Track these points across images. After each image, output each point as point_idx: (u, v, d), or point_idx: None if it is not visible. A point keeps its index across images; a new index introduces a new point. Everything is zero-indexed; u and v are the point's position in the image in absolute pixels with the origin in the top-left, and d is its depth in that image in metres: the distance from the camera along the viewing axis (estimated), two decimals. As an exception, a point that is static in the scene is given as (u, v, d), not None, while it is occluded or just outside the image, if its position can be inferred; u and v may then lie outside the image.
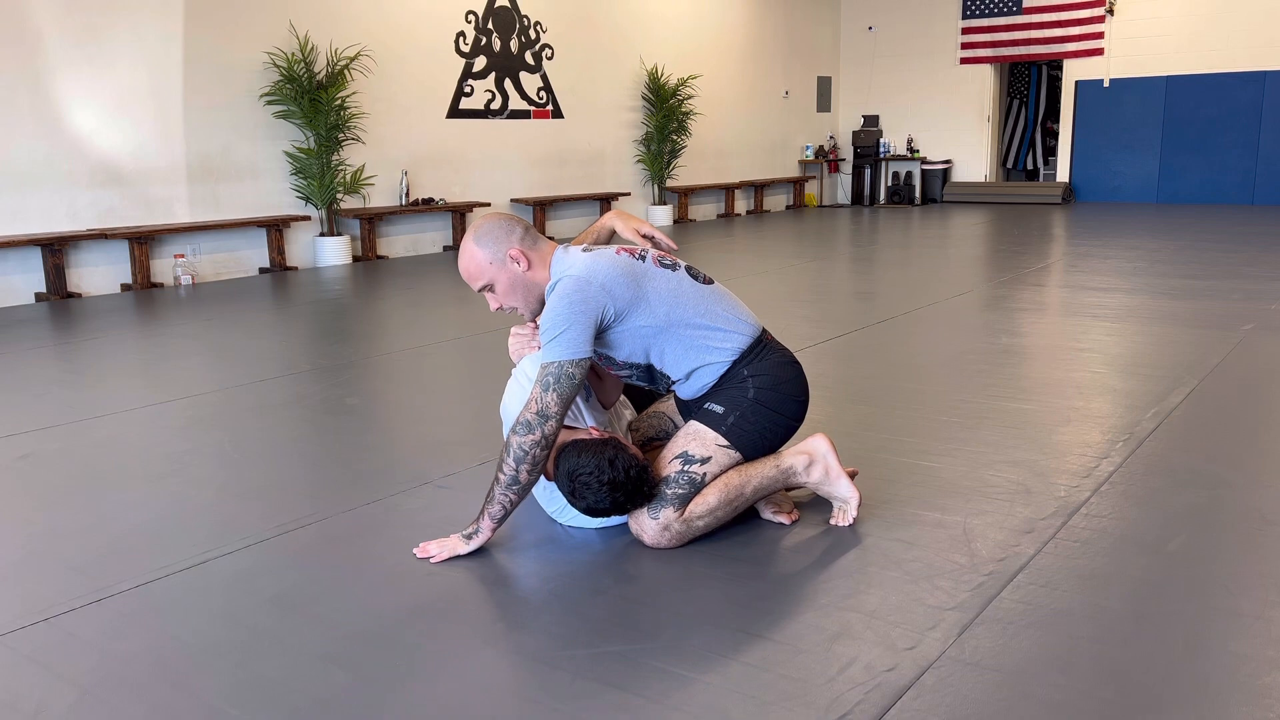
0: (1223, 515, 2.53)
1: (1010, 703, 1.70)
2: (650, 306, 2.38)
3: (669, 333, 2.40)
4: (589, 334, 2.29)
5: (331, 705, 1.73)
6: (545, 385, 2.26)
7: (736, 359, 2.44)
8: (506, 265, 2.39)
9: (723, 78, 12.85)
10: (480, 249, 2.40)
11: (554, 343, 2.27)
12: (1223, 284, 6.26)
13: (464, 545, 2.34)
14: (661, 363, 2.44)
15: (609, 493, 2.26)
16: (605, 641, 1.96)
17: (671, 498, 2.34)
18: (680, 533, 2.35)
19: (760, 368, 2.45)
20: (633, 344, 2.40)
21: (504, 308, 2.44)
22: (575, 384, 2.27)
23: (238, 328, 5.56)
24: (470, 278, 2.42)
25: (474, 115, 9.67)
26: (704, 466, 2.37)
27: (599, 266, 2.37)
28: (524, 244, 2.41)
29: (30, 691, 1.80)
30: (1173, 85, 12.92)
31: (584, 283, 2.32)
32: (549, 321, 2.29)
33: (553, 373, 2.26)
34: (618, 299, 2.34)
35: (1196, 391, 3.70)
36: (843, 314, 5.57)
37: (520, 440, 2.25)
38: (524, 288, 2.41)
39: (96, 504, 2.78)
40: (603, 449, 2.28)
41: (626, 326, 2.37)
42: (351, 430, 3.49)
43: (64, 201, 6.78)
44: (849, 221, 12.00)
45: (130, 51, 7.04)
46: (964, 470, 2.89)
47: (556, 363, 2.26)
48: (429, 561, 2.33)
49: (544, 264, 2.42)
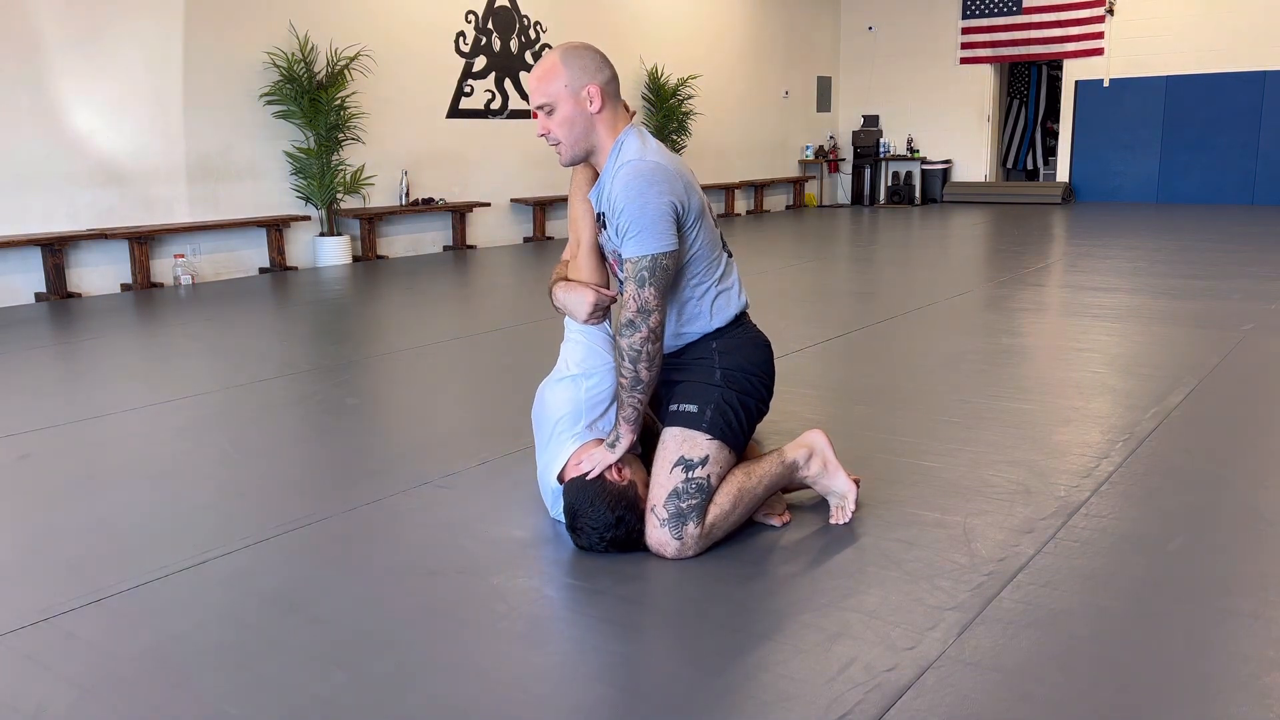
0: (1223, 515, 2.53)
1: (1010, 703, 1.70)
2: (696, 236, 2.34)
3: (686, 274, 2.36)
4: (674, 224, 2.24)
5: (331, 705, 1.73)
6: (640, 280, 2.22)
7: (713, 330, 2.43)
8: (579, 96, 2.28)
9: (723, 78, 12.85)
10: (565, 67, 2.28)
11: (641, 236, 2.21)
12: (1223, 284, 6.26)
13: (611, 454, 2.32)
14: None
15: (606, 546, 2.30)
16: (606, 642, 1.96)
17: (689, 510, 2.28)
18: (701, 543, 2.31)
19: (728, 344, 2.43)
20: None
21: (549, 135, 2.32)
22: (670, 274, 2.25)
23: (238, 328, 5.56)
24: (535, 91, 2.30)
25: (474, 115, 9.67)
26: (706, 469, 2.32)
27: (680, 164, 2.31)
28: (607, 89, 2.31)
29: (30, 691, 1.80)
30: (1173, 85, 12.92)
31: (670, 173, 2.25)
32: (633, 212, 2.21)
33: (646, 267, 2.22)
34: (690, 205, 2.29)
35: (1196, 391, 3.70)
36: (843, 314, 5.56)
37: (629, 340, 2.25)
38: (582, 129, 2.31)
39: (96, 504, 2.78)
40: (615, 504, 2.27)
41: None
42: (351, 430, 3.49)
43: (64, 201, 6.78)
44: (849, 221, 12.00)
45: (130, 51, 7.03)
46: (964, 470, 2.89)
47: (650, 256, 2.22)
48: (586, 478, 2.30)
49: (613, 124, 2.34)
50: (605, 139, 2.33)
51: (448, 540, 2.46)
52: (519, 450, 3.09)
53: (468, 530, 2.52)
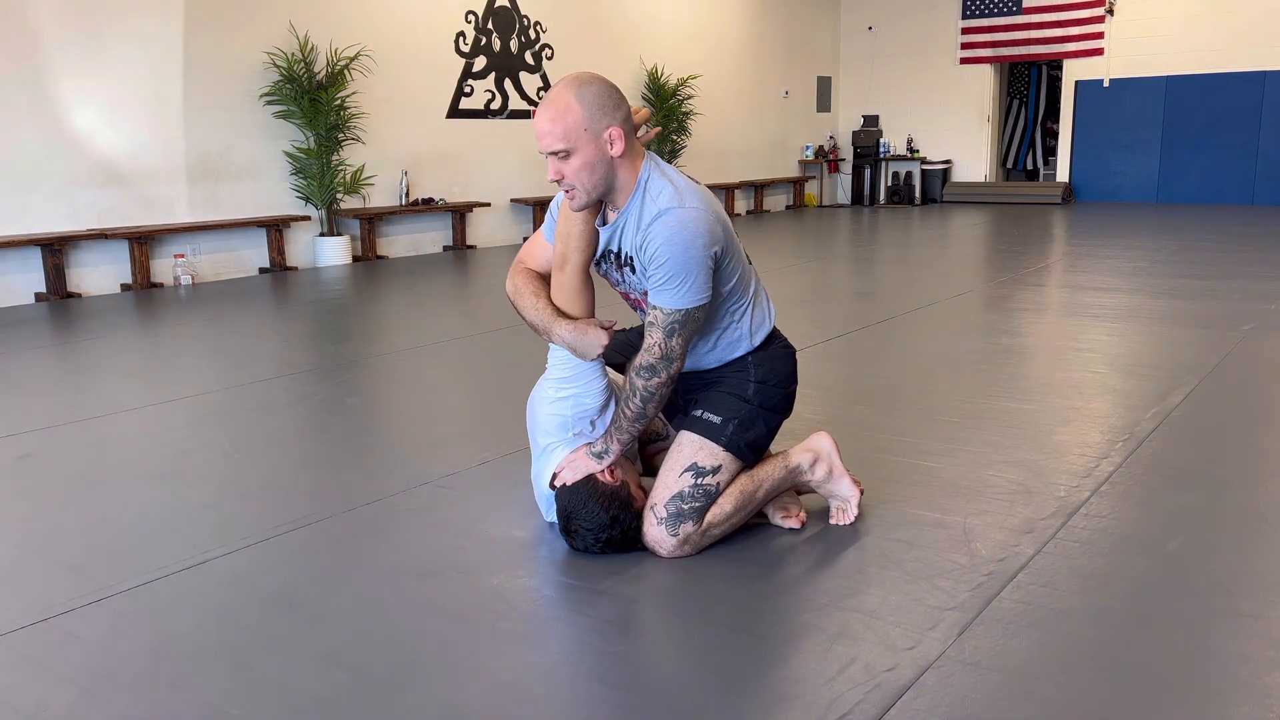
0: (1223, 515, 2.53)
1: (1010, 703, 1.70)
2: (733, 269, 2.29)
3: (725, 301, 2.32)
4: (711, 275, 2.17)
5: (331, 705, 1.73)
6: (670, 331, 2.18)
7: (754, 349, 2.40)
8: (599, 140, 2.10)
9: (723, 78, 12.85)
10: (581, 108, 2.08)
11: (681, 290, 2.14)
12: (1223, 284, 6.26)
13: (596, 463, 2.30)
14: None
15: (601, 548, 2.30)
16: (606, 642, 1.96)
17: (690, 512, 2.27)
18: (698, 543, 2.30)
19: (762, 356, 2.42)
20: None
21: (562, 180, 2.13)
22: (699, 325, 2.23)
23: (238, 328, 5.55)
24: (548, 135, 2.09)
25: (474, 115, 9.67)
26: (716, 477, 2.30)
27: (714, 201, 2.23)
28: (625, 127, 2.14)
29: (30, 691, 1.80)
30: (1173, 85, 12.91)
31: (712, 220, 2.16)
32: (676, 265, 2.11)
33: (679, 320, 2.17)
34: (728, 247, 2.23)
35: (1196, 391, 3.70)
36: (843, 314, 5.56)
37: (647, 383, 2.22)
38: (603, 174, 2.13)
39: (96, 504, 2.78)
40: (608, 504, 2.27)
41: (717, 275, 2.23)
42: (351, 430, 3.49)
43: (64, 201, 6.78)
44: (849, 221, 11.99)
45: (130, 51, 7.03)
46: (964, 470, 2.89)
47: (684, 310, 2.16)
48: (564, 484, 2.31)
49: (634, 162, 2.19)
50: (627, 179, 2.18)
51: (448, 540, 2.46)
52: (519, 450, 3.09)
53: (468, 530, 2.52)
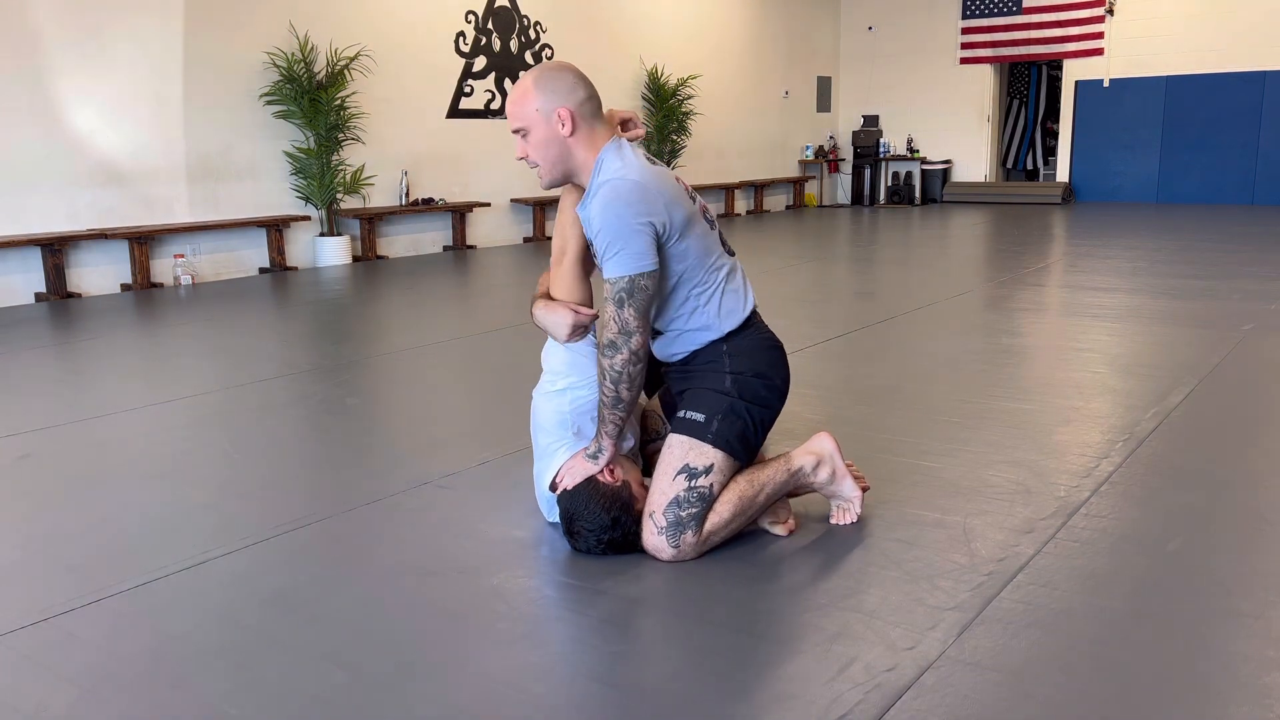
0: (1223, 515, 2.53)
1: (1010, 703, 1.70)
2: (687, 247, 2.30)
3: (685, 282, 2.33)
4: (652, 243, 2.21)
5: (331, 705, 1.73)
6: (619, 302, 2.20)
7: (721, 337, 2.38)
8: (551, 120, 2.26)
9: (723, 78, 12.85)
10: (536, 92, 2.26)
11: (618, 257, 2.19)
12: (1223, 284, 6.26)
13: (593, 465, 2.31)
14: (657, 309, 2.36)
15: (603, 550, 2.29)
16: (606, 642, 1.96)
17: (688, 519, 2.25)
18: (699, 548, 2.28)
19: (740, 346, 2.39)
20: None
21: (528, 160, 2.32)
22: (649, 294, 2.22)
23: (238, 328, 5.56)
24: (512, 116, 2.30)
25: (474, 115, 9.67)
26: (710, 478, 2.28)
27: (662, 178, 2.27)
28: (581, 109, 2.28)
29: (30, 691, 1.80)
30: (1173, 85, 12.92)
31: (643, 190, 2.21)
32: (610, 233, 2.19)
33: (624, 288, 2.19)
34: (673, 220, 2.26)
35: (1196, 391, 3.70)
36: (843, 314, 5.56)
37: (611, 361, 2.23)
38: (557, 152, 2.29)
39: (96, 504, 2.78)
40: (610, 505, 2.27)
41: (662, 254, 2.26)
42: (351, 430, 3.49)
43: (64, 201, 6.78)
44: (849, 221, 12.00)
45: (130, 51, 7.03)
46: (964, 470, 2.89)
47: (627, 277, 2.19)
48: (565, 487, 2.31)
49: (592, 143, 2.29)
50: (585, 158, 2.30)
51: (448, 540, 2.46)
52: (519, 450, 3.09)
53: (468, 530, 2.52)
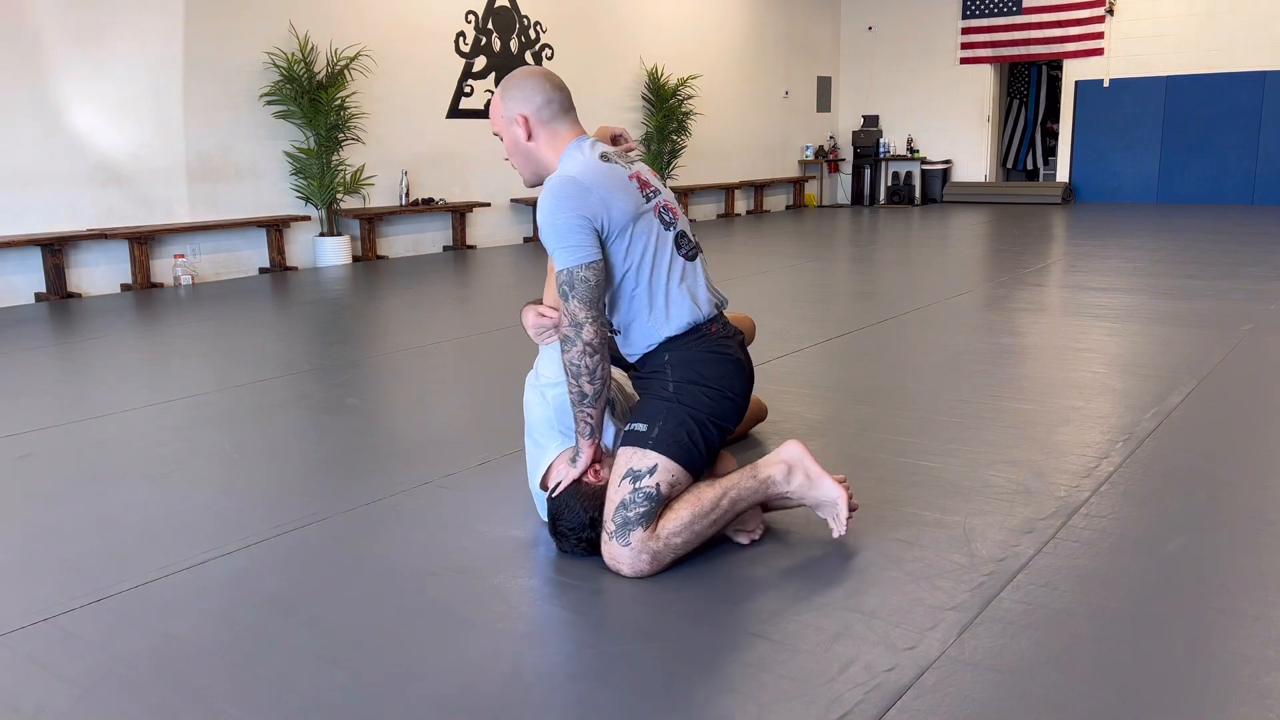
0: (1223, 515, 2.53)
1: (1010, 703, 1.70)
2: (629, 245, 2.32)
3: (628, 280, 2.34)
4: (590, 236, 2.25)
5: (331, 705, 1.73)
6: (564, 294, 2.25)
7: (663, 341, 2.37)
8: (512, 127, 2.38)
9: (723, 78, 12.85)
10: (502, 100, 2.40)
11: (559, 251, 2.25)
12: (1223, 284, 6.26)
13: (573, 469, 2.32)
14: (609, 308, 2.39)
15: (584, 549, 2.30)
16: (605, 641, 1.96)
17: (635, 519, 2.19)
18: (656, 552, 2.19)
19: (682, 356, 2.35)
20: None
21: (510, 162, 2.46)
22: (592, 285, 2.25)
23: (238, 328, 5.56)
24: (491, 123, 2.47)
25: (474, 115, 9.67)
26: (654, 477, 2.21)
27: (605, 175, 2.32)
28: (539, 114, 2.37)
29: (30, 691, 1.80)
30: (1173, 85, 12.92)
31: (578, 186, 2.27)
32: (548, 228, 2.26)
33: (565, 280, 2.25)
34: (611, 217, 2.28)
35: (1196, 391, 3.70)
36: (843, 314, 5.56)
37: (567, 356, 2.25)
38: (523, 156, 2.41)
39: (96, 504, 2.78)
40: (589, 505, 2.27)
41: (605, 250, 2.30)
42: (351, 430, 3.49)
43: (64, 201, 6.78)
44: (849, 221, 11.99)
45: (130, 51, 7.04)
46: (964, 470, 2.89)
47: (567, 270, 2.24)
48: (555, 492, 2.32)
49: (554, 145, 2.40)
50: (549, 160, 2.40)
51: (448, 540, 2.46)
52: (519, 450, 3.09)
53: (468, 530, 2.52)
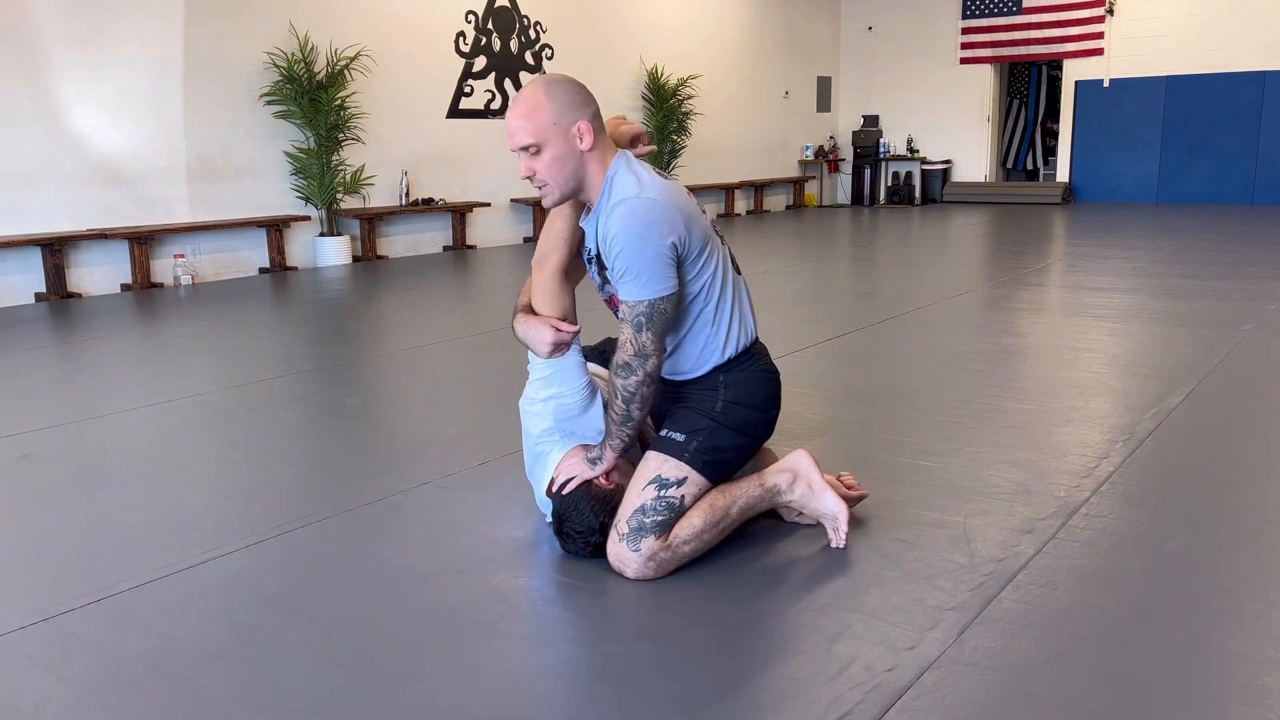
0: (1223, 515, 2.53)
1: (1010, 703, 1.70)
2: (702, 266, 2.25)
3: (695, 302, 2.28)
4: (673, 266, 2.15)
5: (331, 705, 1.73)
6: (638, 325, 2.15)
7: (723, 362, 2.35)
8: (569, 135, 2.14)
9: (723, 78, 12.85)
10: (550, 104, 2.13)
11: (639, 280, 2.12)
12: (1223, 284, 6.26)
13: (590, 469, 2.31)
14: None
15: (590, 552, 2.29)
16: (606, 641, 1.96)
17: (651, 526, 2.18)
18: (665, 561, 2.19)
19: (736, 377, 2.35)
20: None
21: (534, 177, 2.18)
22: (668, 317, 2.18)
23: (238, 328, 5.56)
24: (518, 131, 2.13)
25: (474, 115, 9.67)
26: (681, 489, 2.23)
27: (679, 194, 2.21)
28: (595, 122, 2.18)
29: (30, 691, 1.80)
30: (1173, 85, 12.92)
31: (667, 210, 2.14)
32: (632, 254, 2.11)
33: (644, 312, 2.14)
34: (691, 238, 2.20)
35: (1196, 391, 3.70)
36: (843, 314, 5.56)
37: (625, 382, 2.20)
38: (573, 169, 2.17)
39: (96, 504, 2.78)
40: (599, 509, 2.27)
41: (680, 272, 2.19)
42: (351, 430, 3.49)
43: (64, 201, 6.78)
44: (849, 221, 11.99)
45: (130, 51, 7.03)
46: (964, 470, 2.89)
47: (647, 301, 2.14)
48: (564, 488, 2.30)
49: (603, 157, 2.21)
50: (596, 174, 2.21)
51: (448, 540, 2.46)
52: (519, 450, 3.08)
53: (468, 530, 2.52)
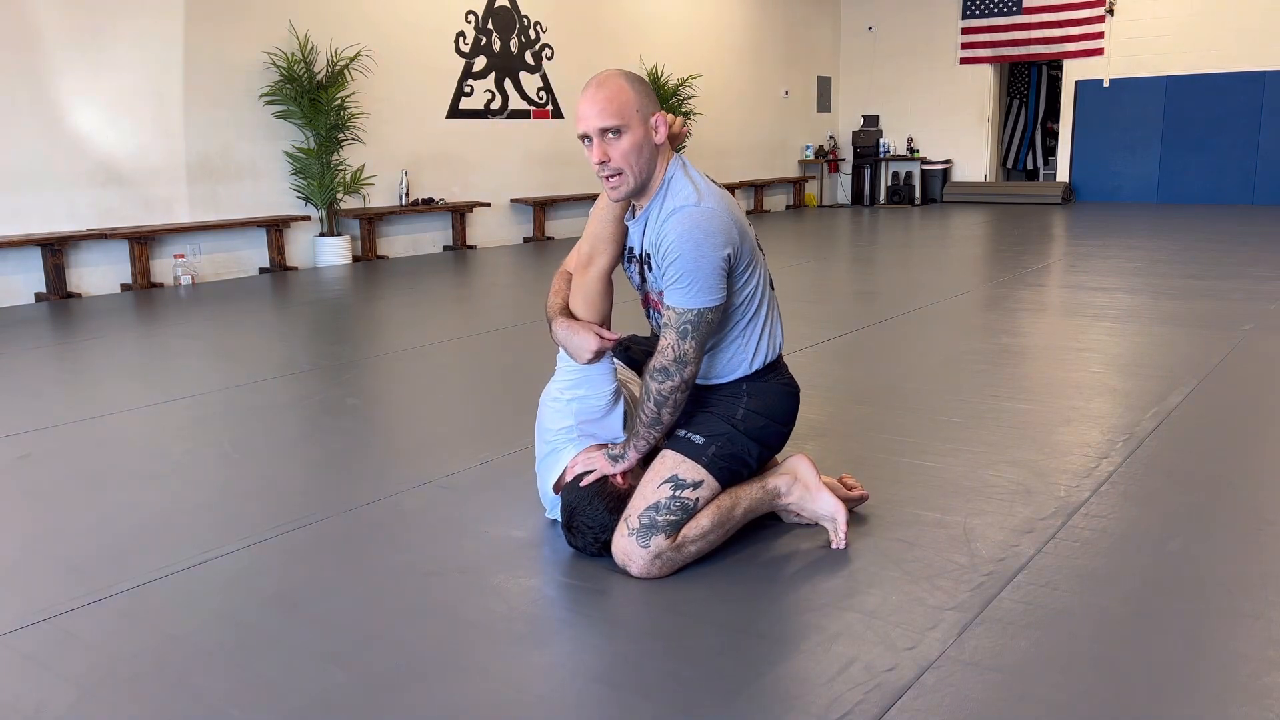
0: (1223, 515, 2.53)
1: (1010, 703, 1.70)
2: (748, 277, 2.26)
3: (734, 313, 2.29)
4: (725, 277, 2.16)
5: (331, 705, 1.73)
6: (683, 333, 2.15)
7: (750, 373, 2.36)
8: (648, 124, 2.17)
9: (722, 78, 12.85)
10: (632, 90, 2.15)
11: (690, 288, 2.13)
12: (1223, 284, 6.26)
13: (611, 466, 2.31)
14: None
15: (600, 550, 2.29)
16: (606, 642, 1.96)
17: (664, 524, 2.19)
18: (670, 560, 2.20)
19: (760, 387, 2.37)
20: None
21: (607, 163, 2.15)
22: (713, 327, 2.19)
23: (238, 328, 5.56)
24: (602, 112, 2.13)
25: (474, 115, 9.67)
26: (696, 491, 2.24)
27: (733, 204, 2.22)
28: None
29: (30, 691, 1.80)
30: (1173, 85, 12.91)
31: (727, 221, 2.15)
32: (687, 262, 2.11)
33: (691, 320, 2.15)
34: (743, 248, 2.21)
35: (1196, 391, 3.70)
36: (843, 314, 5.56)
37: (660, 386, 2.20)
38: (647, 158, 2.18)
39: (96, 504, 2.78)
40: (613, 506, 2.26)
41: (728, 281, 2.20)
42: (351, 430, 3.49)
43: (64, 201, 6.78)
44: (849, 221, 11.99)
45: (130, 51, 7.03)
46: (964, 470, 2.89)
47: (696, 310, 2.14)
48: (579, 481, 2.31)
49: (665, 157, 2.24)
50: (658, 172, 2.22)
51: (448, 540, 2.46)
52: (519, 450, 3.09)
53: (468, 530, 2.52)
